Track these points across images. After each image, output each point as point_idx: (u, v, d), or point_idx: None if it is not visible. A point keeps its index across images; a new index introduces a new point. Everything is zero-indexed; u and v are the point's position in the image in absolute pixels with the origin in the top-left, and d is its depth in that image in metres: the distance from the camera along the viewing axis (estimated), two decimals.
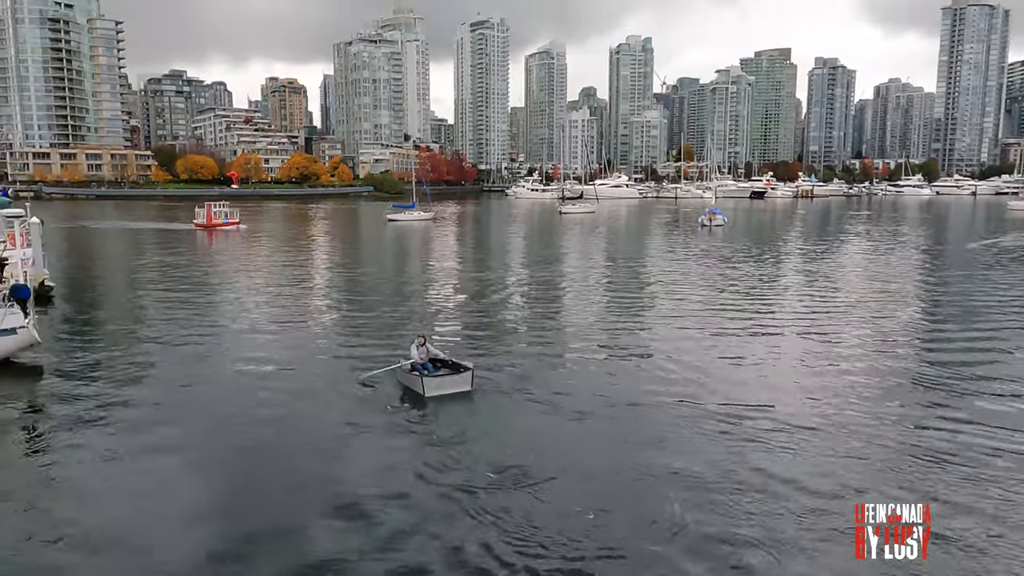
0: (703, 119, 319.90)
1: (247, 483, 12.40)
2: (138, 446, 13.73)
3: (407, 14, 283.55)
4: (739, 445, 14.03)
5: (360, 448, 13.88)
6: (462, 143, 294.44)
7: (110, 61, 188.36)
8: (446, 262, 47.82)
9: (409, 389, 16.81)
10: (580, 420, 15.31)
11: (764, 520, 11.77)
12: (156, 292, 32.80)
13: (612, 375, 18.91)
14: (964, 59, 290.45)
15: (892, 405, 16.58)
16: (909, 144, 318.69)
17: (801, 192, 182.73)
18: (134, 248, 55.92)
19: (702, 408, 16.12)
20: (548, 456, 13.26)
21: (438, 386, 16.45)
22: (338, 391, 17.17)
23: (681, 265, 43.67)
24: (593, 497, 11.73)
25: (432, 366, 17.22)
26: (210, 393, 17.30)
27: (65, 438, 14.26)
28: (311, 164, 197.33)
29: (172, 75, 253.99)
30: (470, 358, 18.15)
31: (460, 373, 16.92)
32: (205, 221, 70.23)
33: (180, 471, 12.67)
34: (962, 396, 17.06)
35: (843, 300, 30.81)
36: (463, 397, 16.43)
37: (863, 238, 65.64)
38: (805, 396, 17.25)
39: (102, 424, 14.91)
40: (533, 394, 17.02)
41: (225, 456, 13.52)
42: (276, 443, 14.09)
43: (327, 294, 33.19)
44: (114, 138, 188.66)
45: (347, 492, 11.94)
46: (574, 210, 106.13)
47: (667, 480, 12.48)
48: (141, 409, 15.88)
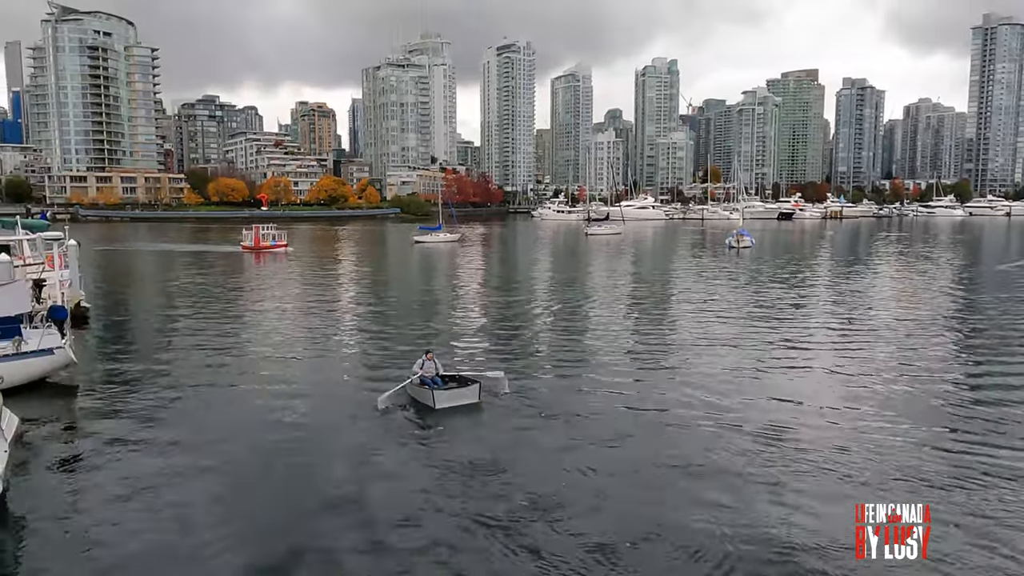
0: (730, 140, 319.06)
1: (271, 502, 12.49)
2: (169, 466, 13.91)
3: (434, 39, 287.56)
4: (759, 461, 13.99)
5: (378, 461, 14.34)
6: (488, 165, 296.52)
7: (146, 87, 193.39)
8: (472, 284, 47.98)
9: (420, 402, 17.36)
10: (601, 440, 15.23)
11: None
12: (193, 314, 33.27)
13: (636, 395, 18.87)
14: (996, 78, 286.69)
15: (918, 424, 16.34)
16: (940, 164, 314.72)
17: (830, 213, 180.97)
18: (178, 270, 56.36)
19: (729, 427, 16.23)
20: (563, 477, 13.37)
21: (448, 399, 17.07)
22: (360, 408, 17.50)
23: (709, 287, 43.35)
24: (583, 495, 11.70)
25: (441, 380, 17.79)
26: (239, 414, 17.44)
27: (98, 457, 14.50)
28: (339, 186, 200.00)
29: (205, 100, 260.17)
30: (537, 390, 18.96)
31: (468, 386, 17.60)
32: (253, 243, 70.47)
33: (204, 490, 12.82)
34: (985, 415, 16.78)
35: (872, 323, 30.35)
36: (472, 409, 17.07)
37: (894, 259, 64.72)
38: (830, 418, 17.18)
39: (134, 444, 15.13)
40: (552, 412, 17.19)
41: (251, 477, 13.62)
42: (301, 462, 14.21)
43: (361, 315, 33.43)
44: (148, 162, 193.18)
45: (362, 503, 12.32)
46: (600, 232, 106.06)
47: (678, 491, 12.40)
48: (172, 429, 16.07)
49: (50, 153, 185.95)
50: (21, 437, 14.55)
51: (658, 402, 18.29)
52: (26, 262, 30.16)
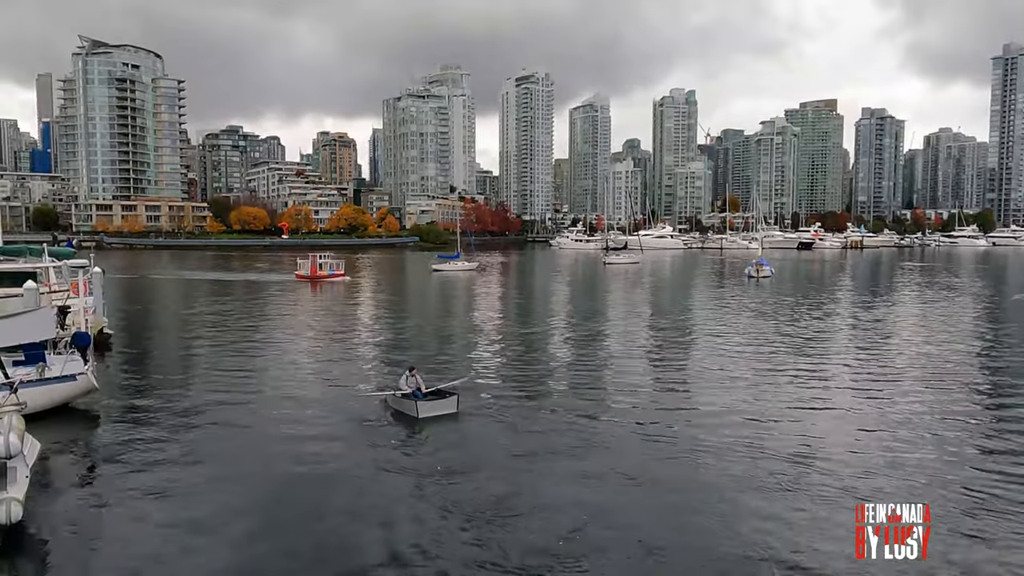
0: (748, 170, 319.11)
1: (289, 529, 12.49)
2: (188, 494, 13.96)
3: (454, 70, 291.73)
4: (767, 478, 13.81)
5: (375, 467, 15.67)
6: (507, 194, 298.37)
7: (171, 118, 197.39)
8: (489, 312, 48.05)
9: (403, 413, 19.15)
10: (603, 473, 15.16)
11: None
12: (216, 343, 33.56)
13: (634, 407, 19.27)
14: (1017, 108, 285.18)
15: (927, 433, 17.27)
16: (962, 194, 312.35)
17: (850, 243, 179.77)
18: (224, 300, 55.64)
19: (729, 435, 17.19)
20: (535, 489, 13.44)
21: (430, 409, 18.88)
22: (367, 428, 18.57)
23: (728, 317, 43.09)
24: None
25: (422, 393, 19.47)
26: (259, 443, 17.49)
27: (118, 483, 14.56)
28: (359, 215, 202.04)
29: (229, 130, 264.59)
30: (512, 406, 20.38)
31: (447, 398, 19.59)
32: (309, 272, 69.47)
33: (224, 519, 12.83)
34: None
35: (887, 349, 30.82)
36: (450, 418, 18.85)
37: (915, 289, 64.02)
38: (833, 425, 18.27)
39: (153, 471, 15.18)
40: (531, 427, 18.15)
41: (268, 503, 13.63)
42: (312, 477, 14.55)
43: (388, 343, 33.53)
44: (172, 190, 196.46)
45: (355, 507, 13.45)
46: (618, 261, 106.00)
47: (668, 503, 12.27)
48: (192, 457, 16.13)
49: (77, 182, 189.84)
50: (43, 462, 14.69)
51: (664, 419, 18.97)
52: (52, 289, 30.64)
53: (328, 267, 70.86)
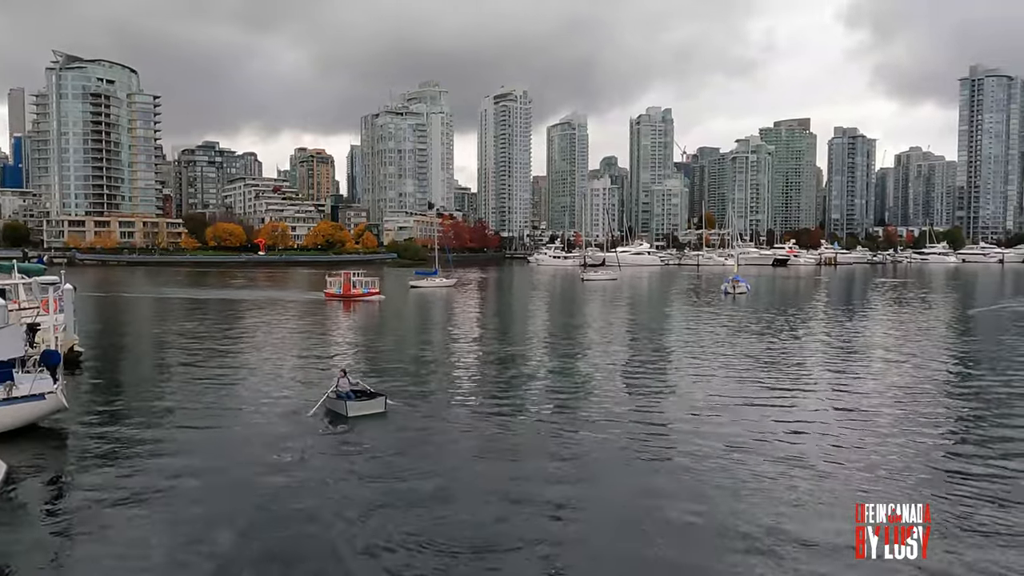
0: (724, 187, 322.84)
1: (260, 545, 12.35)
2: (157, 515, 13.73)
3: (433, 87, 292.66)
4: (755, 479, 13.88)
5: (311, 456, 17.63)
6: (485, 211, 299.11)
7: (147, 133, 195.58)
8: (464, 328, 47.93)
9: (336, 412, 20.84)
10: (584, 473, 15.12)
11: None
12: (190, 361, 33.10)
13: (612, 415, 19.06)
14: (984, 128, 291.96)
15: (911, 433, 18.50)
16: (932, 212, 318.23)
17: (824, 259, 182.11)
18: (201, 318, 55.15)
19: (724, 442, 17.54)
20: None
21: (358, 408, 20.68)
22: (307, 429, 20.03)
23: (705, 332, 43.31)
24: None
25: (353, 394, 21.27)
26: (228, 461, 17.32)
27: (85, 504, 14.28)
28: (337, 231, 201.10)
29: (205, 146, 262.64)
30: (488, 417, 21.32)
31: (375, 398, 21.38)
32: (342, 291, 66.57)
33: (193, 538, 12.62)
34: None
35: (863, 361, 31.74)
36: (378, 416, 20.67)
37: (888, 305, 64.95)
38: (824, 430, 18.87)
39: (122, 491, 14.89)
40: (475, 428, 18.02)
41: (236, 519, 13.42)
42: (275, 490, 14.17)
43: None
44: (147, 207, 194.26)
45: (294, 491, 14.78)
46: (596, 277, 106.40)
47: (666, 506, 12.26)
48: (162, 478, 15.85)
49: (49, 198, 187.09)
50: (10, 483, 14.35)
51: (644, 424, 19.34)
52: (21, 306, 30.05)
53: (362, 286, 67.91)
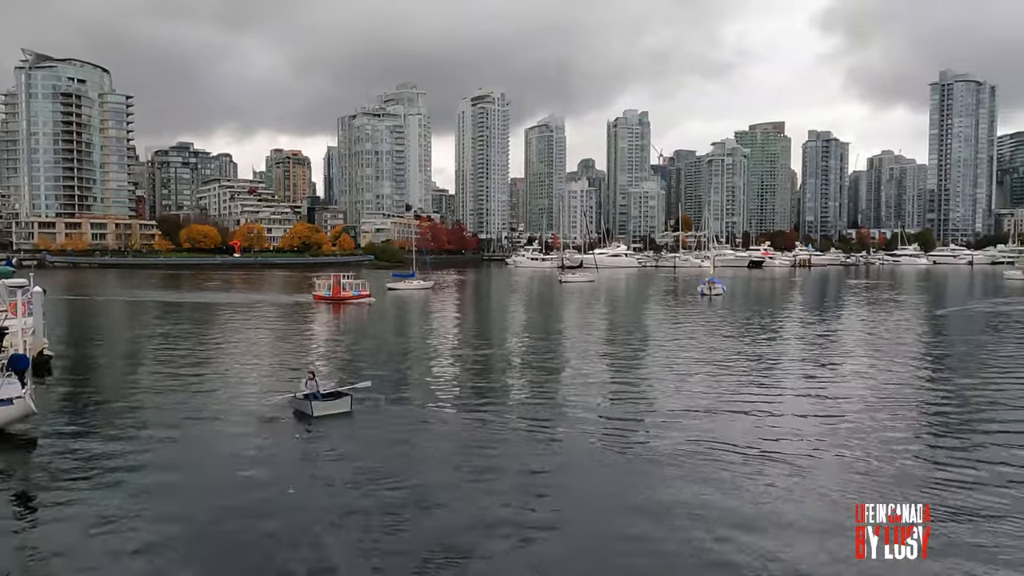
0: (700, 190, 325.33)
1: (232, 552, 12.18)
2: (128, 521, 13.47)
3: (410, 89, 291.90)
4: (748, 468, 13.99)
5: (279, 453, 18.28)
6: (463, 213, 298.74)
7: (119, 134, 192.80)
8: (441, 330, 47.79)
9: (302, 412, 21.05)
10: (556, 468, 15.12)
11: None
12: (162, 364, 32.63)
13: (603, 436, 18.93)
14: (954, 132, 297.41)
15: (898, 432, 18.83)
16: (904, 214, 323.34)
17: (799, 261, 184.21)
18: (175, 321, 54.34)
19: (716, 445, 17.51)
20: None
21: (323, 408, 20.87)
22: (273, 429, 20.48)
23: (682, 334, 43.54)
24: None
25: (320, 395, 21.37)
26: (200, 464, 17.21)
27: (54, 511, 14.01)
28: (313, 233, 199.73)
29: (179, 147, 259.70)
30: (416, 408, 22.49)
31: (341, 398, 21.60)
32: (331, 294, 65.16)
33: (164, 544, 12.42)
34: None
35: (839, 361, 32.03)
36: (344, 416, 20.92)
37: (861, 307, 65.79)
38: (814, 431, 19.08)
39: (91, 498, 14.63)
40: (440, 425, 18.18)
41: (207, 524, 13.24)
42: (249, 504, 13.94)
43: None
44: (119, 208, 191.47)
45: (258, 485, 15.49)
46: (574, 279, 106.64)
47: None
48: (133, 483, 15.61)
49: (18, 199, 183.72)
50: None
51: (629, 428, 19.32)
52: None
53: (352, 288, 66.65)
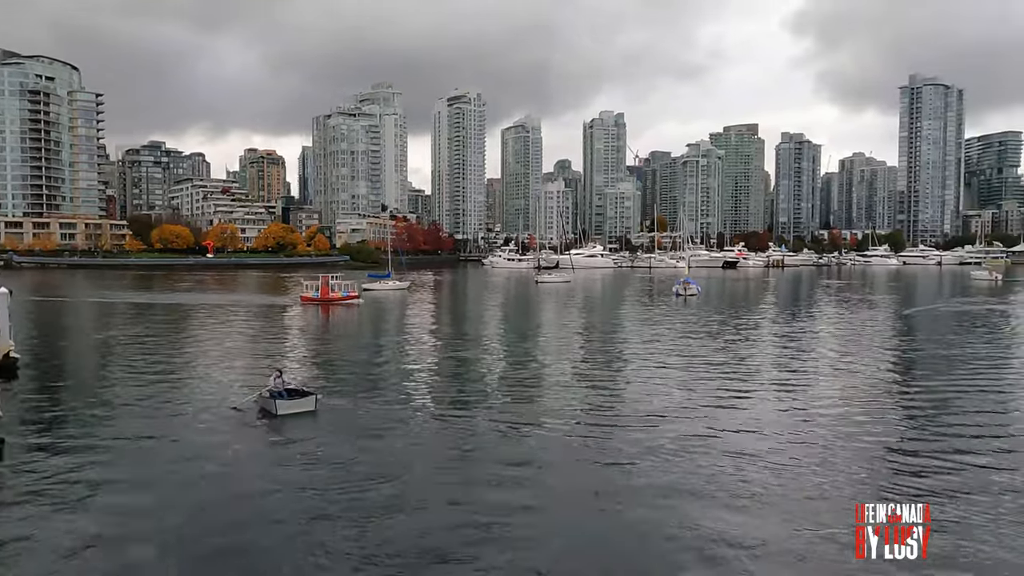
0: (675, 191, 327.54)
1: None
2: (97, 526, 13.26)
3: (386, 88, 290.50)
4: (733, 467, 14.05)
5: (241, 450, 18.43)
6: (439, 213, 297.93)
7: (89, 132, 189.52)
8: (418, 331, 47.61)
9: (267, 410, 21.31)
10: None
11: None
12: (133, 366, 32.12)
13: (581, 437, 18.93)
14: (923, 135, 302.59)
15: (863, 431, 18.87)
16: (875, 215, 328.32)
17: (772, 262, 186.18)
18: (146, 322, 54.17)
19: (704, 447, 17.56)
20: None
21: (288, 407, 21.15)
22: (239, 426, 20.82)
23: (657, 334, 43.79)
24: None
25: (287, 393, 21.69)
26: (169, 468, 16.88)
27: (20, 515, 13.71)
28: (288, 234, 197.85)
29: (151, 146, 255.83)
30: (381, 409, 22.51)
31: (305, 397, 21.79)
32: (319, 295, 64.33)
33: (130, 549, 12.23)
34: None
35: (813, 359, 32.44)
36: (308, 415, 21.14)
37: (833, 307, 66.69)
38: (800, 432, 18.94)
39: (59, 501, 14.37)
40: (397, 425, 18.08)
41: (181, 530, 13.06)
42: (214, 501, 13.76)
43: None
44: (89, 208, 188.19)
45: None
46: (550, 280, 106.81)
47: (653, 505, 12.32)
48: (102, 487, 15.36)
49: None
50: None
51: (608, 426, 19.06)
52: None
53: (341, 289, 66.11)
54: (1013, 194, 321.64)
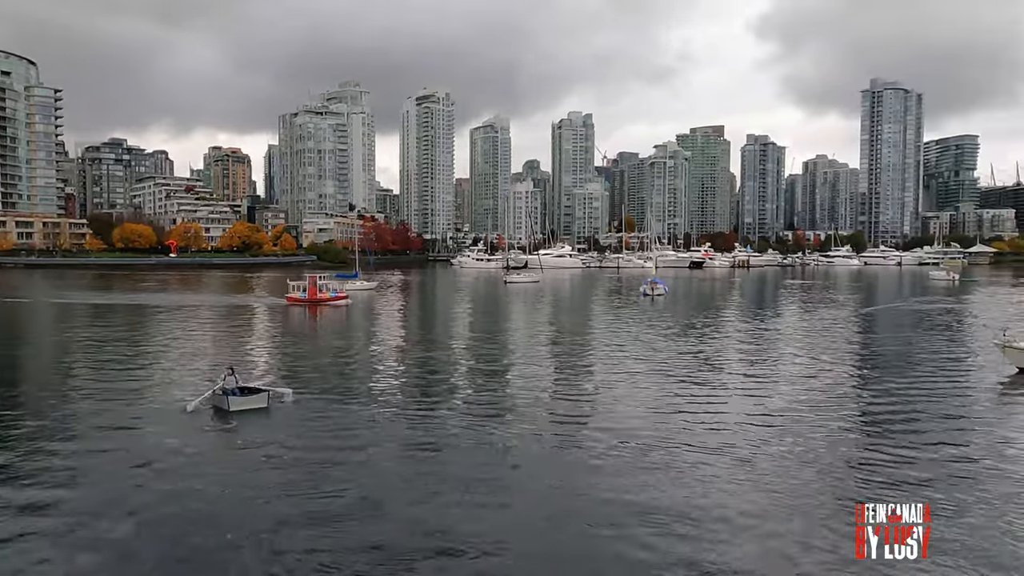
0: (643, 191, 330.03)
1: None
2: (31, 533, 13.03)
3: (353, 87, 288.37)
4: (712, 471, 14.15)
5: (194, 447, 18.52)
6: (407, 213, 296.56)
7: (47, 129, 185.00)
8: (386, 332, 47.32)
9: (220, 408, 21.63)
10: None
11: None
12: (91, 366, 31.41)
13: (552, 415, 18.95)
14: (884, 138, 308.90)
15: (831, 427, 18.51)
16: (837, 216, 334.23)
17: (738, 262, 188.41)
18: (106, 324, 53.17)
19: (651, 449, 17.00)
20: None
21: (240, 403, 21.57)
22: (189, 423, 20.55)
23: (624, 334, 44.07)
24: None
25: (239, 391, 22.07)
26: (110, 463, 16.87)
27: None
28: (253, 233, 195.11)
29: (111, 143, 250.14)
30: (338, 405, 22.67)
31: (258, 394, 22.26)
32: (307, 295, 63.04)
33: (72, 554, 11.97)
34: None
35: (778, 360, 32.66)
36: (261, 411, 21.55)
37: (797, 306, 67.78)
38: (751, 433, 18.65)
39: (6, 508, 14.02)
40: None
41: (128, 556, 12.83)
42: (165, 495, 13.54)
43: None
44: (47, 206, 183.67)
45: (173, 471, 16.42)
46: (519, 280, 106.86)
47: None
48: (40, 489, 15.05)
49: None
50: None
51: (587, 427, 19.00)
52: None
53: (329, 289, 65.26)
54: (969, 196, 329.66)
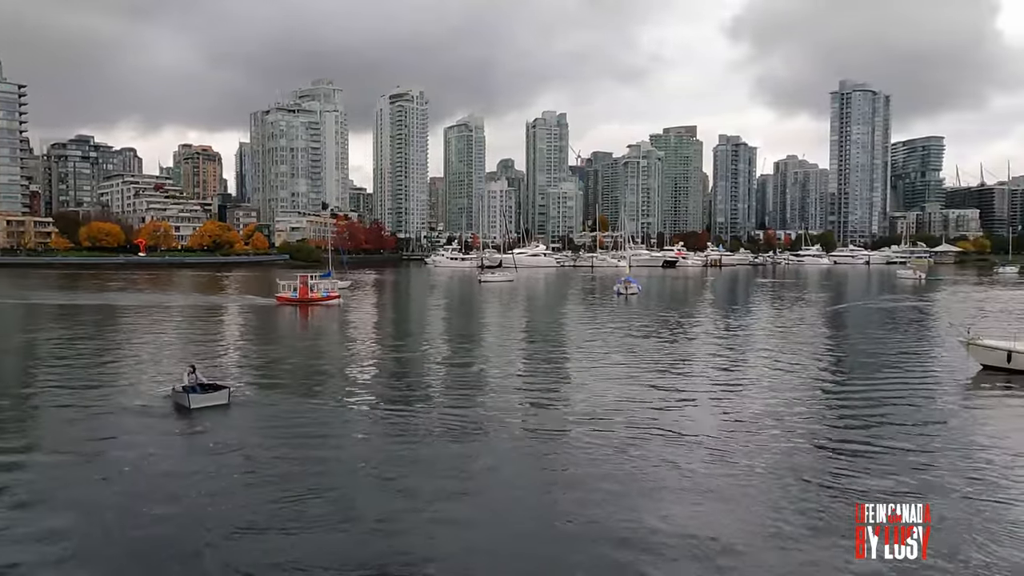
0: (617, 191, 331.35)
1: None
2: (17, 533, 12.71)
3: (326, 85, 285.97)
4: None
5: (155, 441, 18.85)
6: (381, 212, 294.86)
7: (10, 125, 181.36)
8: (359, 332, 47.03)
9: (181, 405, 21.80)
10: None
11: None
12: (61, 372, 30.78)
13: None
14: (852, 139, 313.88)
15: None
16: (807, 216, 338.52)
17: (710, 261, 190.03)
18: (70, 325, 52.21)
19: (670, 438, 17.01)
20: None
21: (201, 400, 21.67)
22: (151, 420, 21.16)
23: (598, 332, 44.26)
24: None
25: (200, 388, 22.21)
26: (77, 464, 16.73)
27: None
28: (225, 232, 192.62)
29: (78, 140, 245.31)
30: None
31: (219, 391, 22.42)
32: (299, 295, 61.84)
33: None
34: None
35: (743, 357, 32.87)
36: (222, 408, 21.80)
37: (768, 305, 68.65)
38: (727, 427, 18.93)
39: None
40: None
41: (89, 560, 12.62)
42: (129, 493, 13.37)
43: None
44: (11, 204, 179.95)
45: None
46: (493, 279, 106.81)
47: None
48: (16, 493, 14.72)
49: None
50: None
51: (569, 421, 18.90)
52: None
53: (321, 289, 64.25)
54: (936, 197, 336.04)
